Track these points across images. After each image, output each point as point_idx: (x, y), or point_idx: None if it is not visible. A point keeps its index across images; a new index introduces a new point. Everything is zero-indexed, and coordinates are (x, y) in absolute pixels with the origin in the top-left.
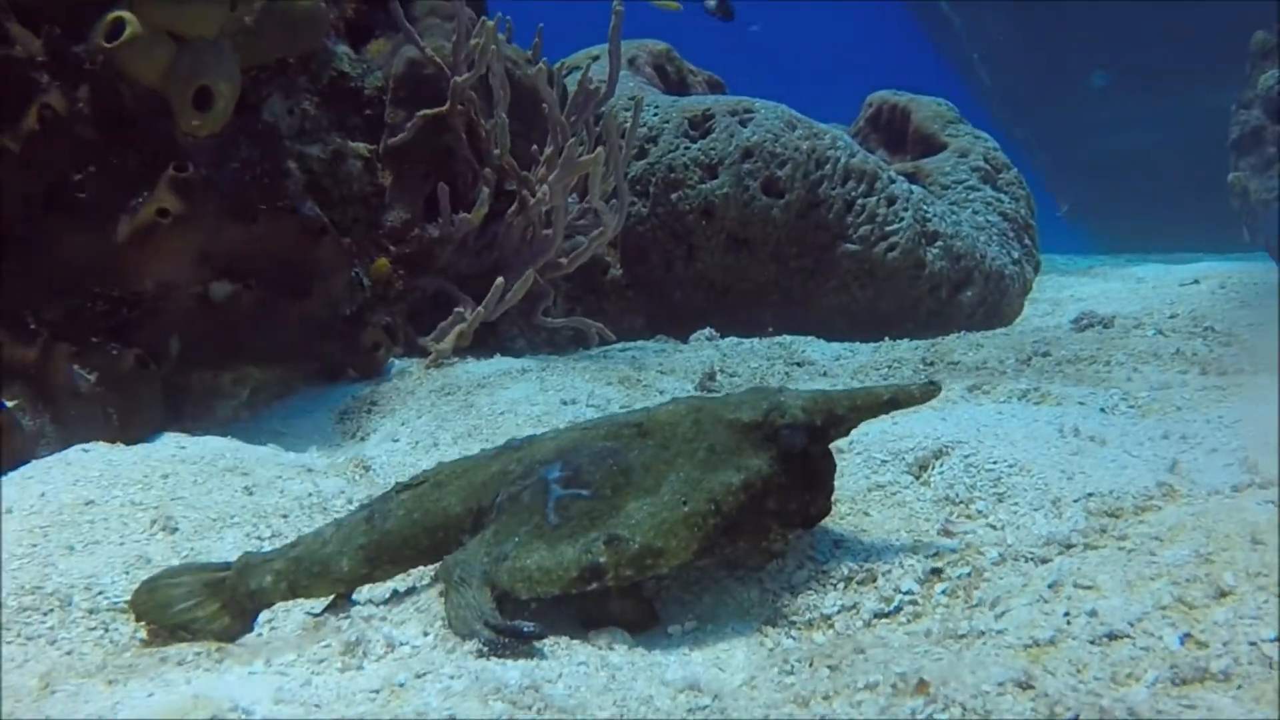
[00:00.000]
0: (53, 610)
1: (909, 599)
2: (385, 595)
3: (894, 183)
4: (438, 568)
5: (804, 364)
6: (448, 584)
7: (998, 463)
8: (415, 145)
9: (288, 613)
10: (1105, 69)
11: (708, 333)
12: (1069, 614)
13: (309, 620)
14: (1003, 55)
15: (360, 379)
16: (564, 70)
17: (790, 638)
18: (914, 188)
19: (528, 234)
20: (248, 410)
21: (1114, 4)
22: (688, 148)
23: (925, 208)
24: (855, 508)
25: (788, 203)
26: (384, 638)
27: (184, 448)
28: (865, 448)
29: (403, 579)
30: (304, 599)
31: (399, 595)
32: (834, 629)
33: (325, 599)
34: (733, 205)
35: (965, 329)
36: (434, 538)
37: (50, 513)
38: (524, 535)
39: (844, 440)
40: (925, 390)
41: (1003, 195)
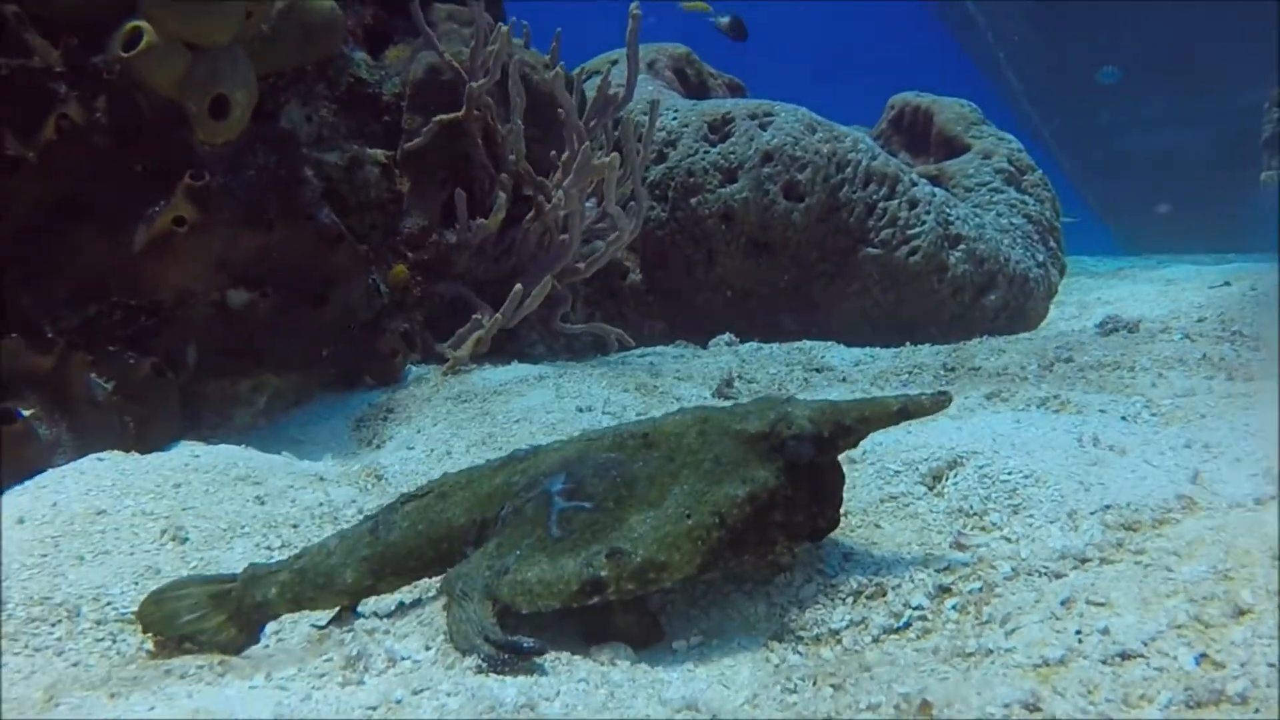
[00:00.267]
0: (61, 621)
1: (919, 614)
2: (390, 607)
3: (916, 185)
4: (441, 580)
5: (823, 370)
6: (450, 597)
7: (1013, 473)
8: (432, 151)
9: (295, 624)
10: (1130, 67)
11: (727, 338)
12: (1081, 632)
13: (314, 632)
14: (1028, 55)
15: (377, 385)
16: (583, 75)
17: (797, 653)
18: (936, 190)
19: (545, 240)
20: (265, 417)
21: (1140, 2)
22: (707, 152)
23: (948, 210)
24: (866, 519)
25: (808, 206)
26: (386, 652)
27: (197, 456)
28: (879, 458)
29: (409, 590)
30: (309, 611)
31: (404, 607)
32: (841, 645)
33: (331, 610)
34: (753, 209)
35: (989, 333)
36: (438, 549)
37: (62, 522)
38: (526, 548)
39: (857, 450)
40: (936, 401)
41: (1027, 197)
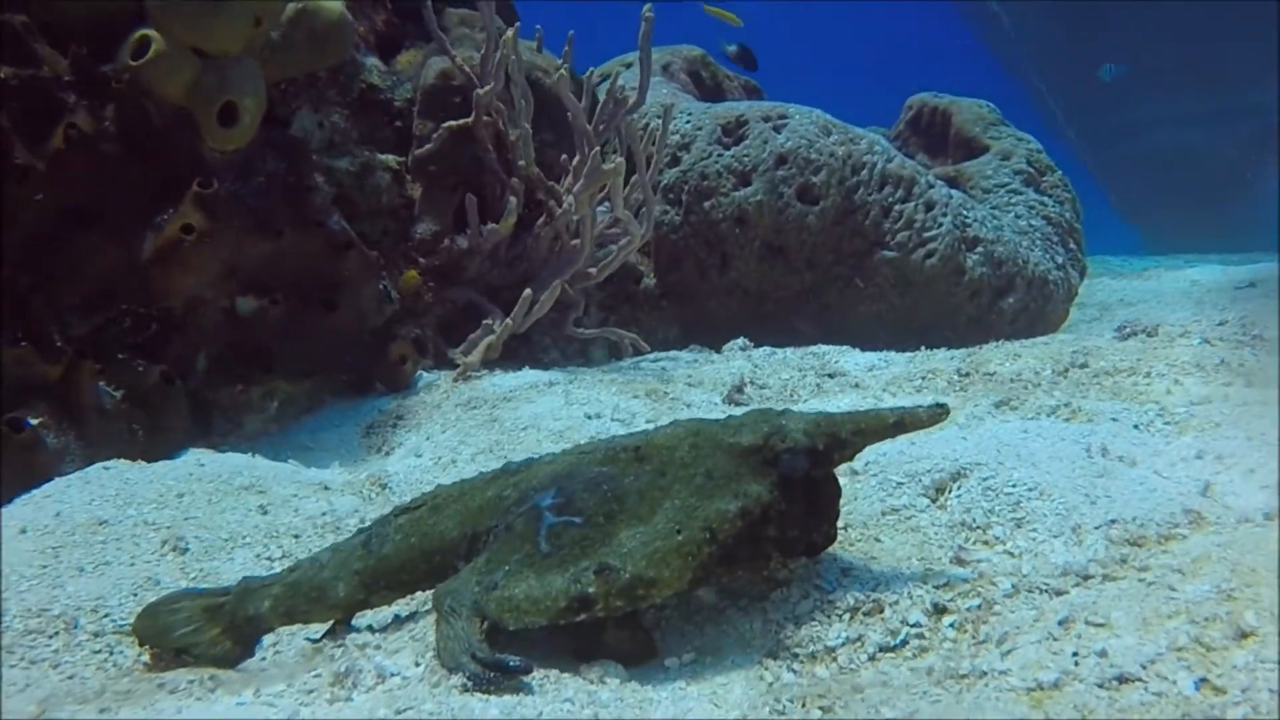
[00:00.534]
0: (58, 633)
1: (915, 632)
2: (386, 620)
3: (932, 187)
4: (431, 595)
5: (836, 375)
6: (438, 613)
7: (1017, 486)
8: (443, 157)
9: (292, 636)
10: (1154, 65)
11: (741, 343)
12: (1078, 654)
13: (309, 646)
14: (1052, 53)
15: (388, 392)
16: (594, 77)
17: (791, 671)
18: (953, 192)
19: (556, 245)
20: (276, 424)
21: (1165, 1)
22: (721, 155)
23: (965, 213)
24: (867, 533)
25: (823, 209)
26: (375, 668)
27: (203, 465)
28: (881, 469)
29: (405, 603)
30: (302, 625)
31: (399, 620)
32: (837, 663)
33: (325, 624)
34: (767, 213)
35: (1008, 336)
36: (431, 563)
37: (63, 533)
38: (514, 564)
39: (859, 462)
40: (932, 413)
41: (1046, 199)
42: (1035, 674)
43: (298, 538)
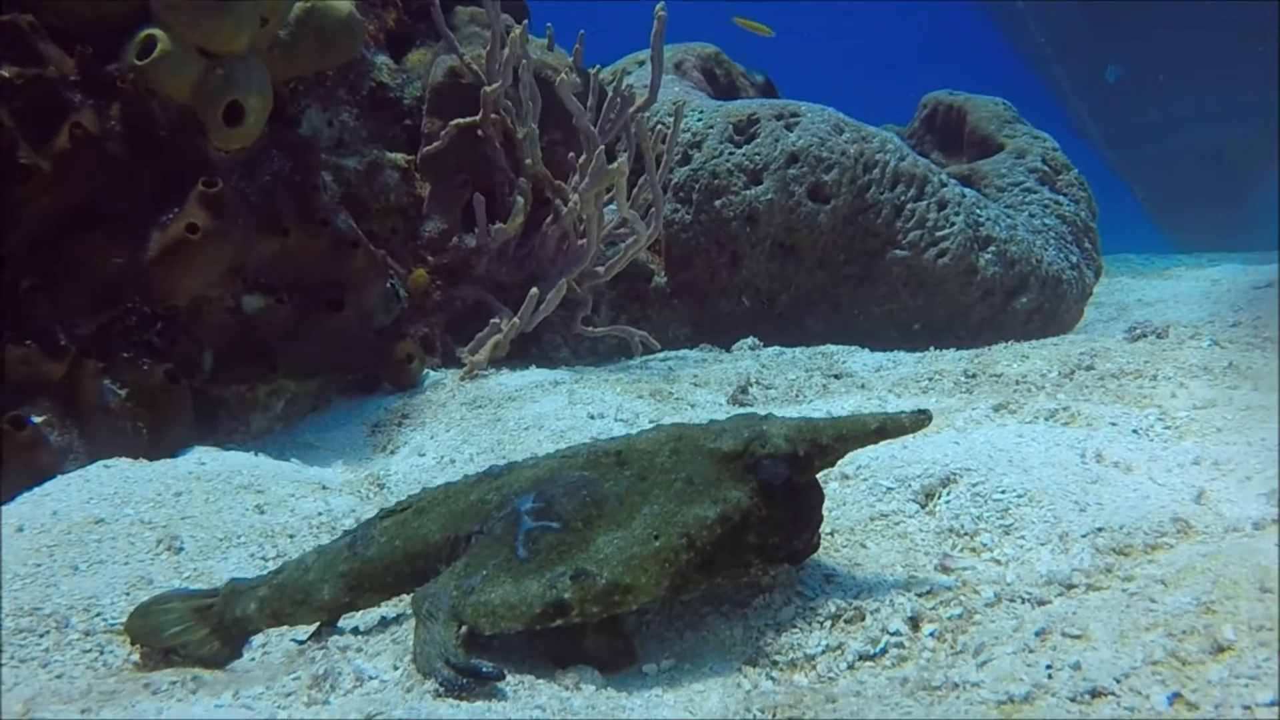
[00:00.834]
0: (49, 632)
1: (896, 641)
2: (373, 622)
3: (945, 186)
4: (411, 598)
5: (843, 376)
6: (417, 617)
7: (1006, 492)
8: (451, 155)
9: (281, 637)
10: (1180, 62)
11: (750, 342)
12: (1052, 667)
13: (294, 648)
14: (1076, 51)
15: (395, 390)
16: (598, 73)
17: (770, 679)
18: (967, 191)
19: (563, 244)
20: (282, 423)
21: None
22: (732, 153)
23: (978, 211)
24: (853, 539)
25: (834, 208)
26: (354, 671)
27: (203, 464)
28: (872, 474)
29: (393, 605)
30: (288, 627)
31: (384, 623)
32: (816, 671)
33: (312, 626)
34: (778, 211)
35: (1021, 337)
36: (415, 566)
37: (59, 531)
38: (492, 568)
39: (850, 466)
40: (915, 419)
41: (1061, 197)
42: (1007, 687)
43: (293, 538)
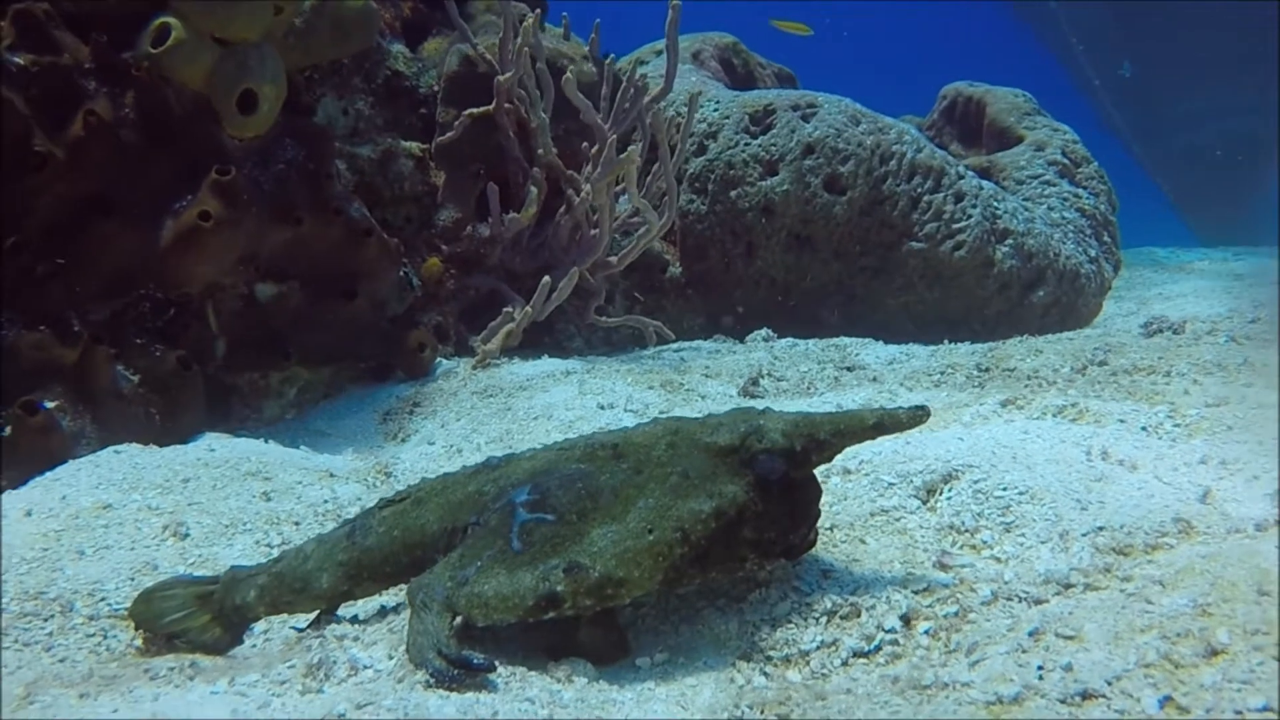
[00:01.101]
0: (53, 616)
1: (890, 638)
2: (371, 612)
3: (962, 178)
4: (406, 588)
5: (855, 368)
6: (411, 607)
7: (1008, 489)
8: (466, 144)
9: (283, 623)
10: (1207, 57)
11: (764, 333)
12: (1043, 667)
13: (293, 636)
14: (1104, 44)
15: (408, 379)
16: (612, 63)
17: (764, 674)
18: (984, 183)
19: (576, 234)
20: (295, 410)
21: None
22: (748, 144)
23: (995, 204)
24: (852, 534)
25: (850, 199)
26: (349, 660)
27: (213, 450)
28: (874, 469)
29: (394, 594)
30: (287, 615)
31: (383, 612)
32: (810, 667)
33: (311, 614)
34: (793, 202)
35: (1038, 330)
36: (413, 556)
37: (67, 516)
38: (487, 560)
39: (853, 461)
40: (913, 415)
41: (1081, 190)
42: (997, 687)
43: (298, 525)
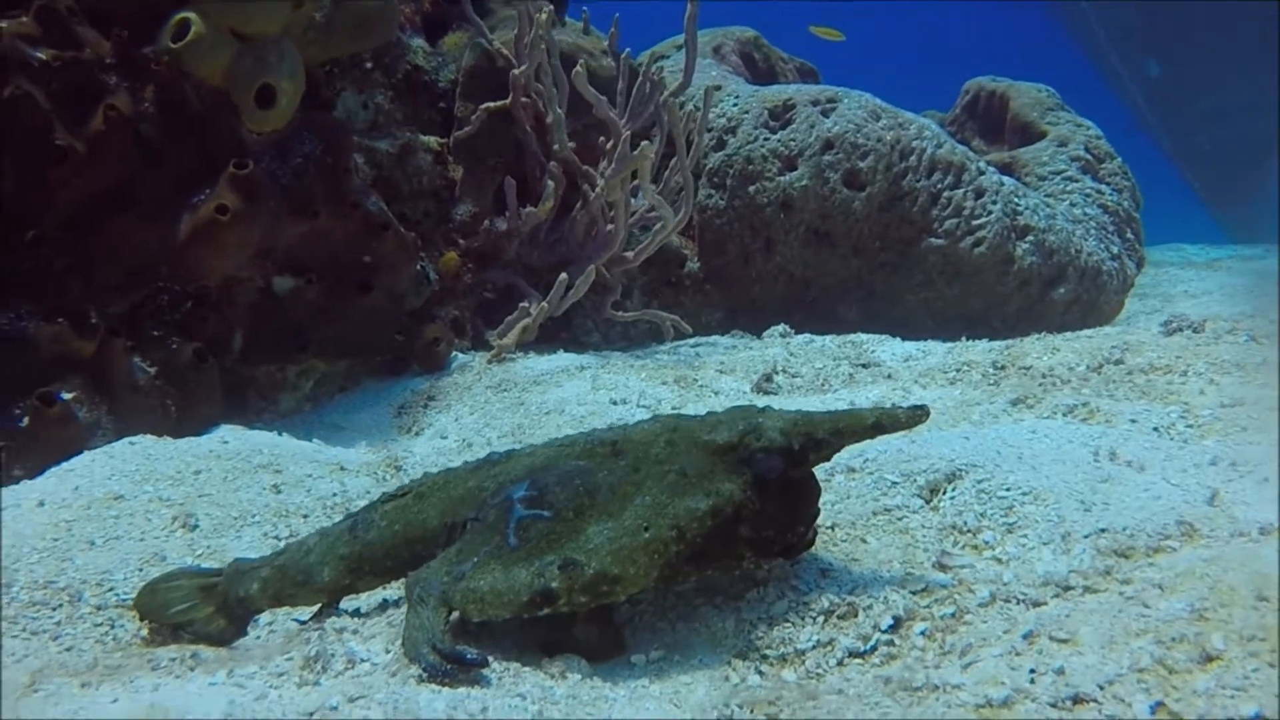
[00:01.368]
0: (61, 605)
1: (886, 639)
2: (374, 605)
3: (983, 174)
4: (405, 582)
5: (870, 365)
6: (408, 601)
7: (1011, 489)
8: (484, 139)
9: (287, 616)
10: (1238, 51)
11: (781, 329)
12: (1035, 671)
13: (295, 628)
14: (1133, 38)
15: (424, 372)
16: (627, 57)
17: (759, 673)
18: (1005, 179)
19: (592, 229)
20: (311, 403)
21: None
22: (767, 139)
23: (1016, 200)
24: (853, 533)
25: (869, 195)
26: (347, 653)
27: (226, 443)
28: (879, 467)
29: (397, 587)
30: (289, 608)
31: (385, 606)
32: (805, 666)
33: (314, 607)
34: (812, 198)
35: (1059, 328)
36: (413, 550)
37: (79, 506)
38: (483, 555)
39: (857, 459)
40: (912, 415)
41: (1104, 186)
42: (988, 690)
43: (306, 518)
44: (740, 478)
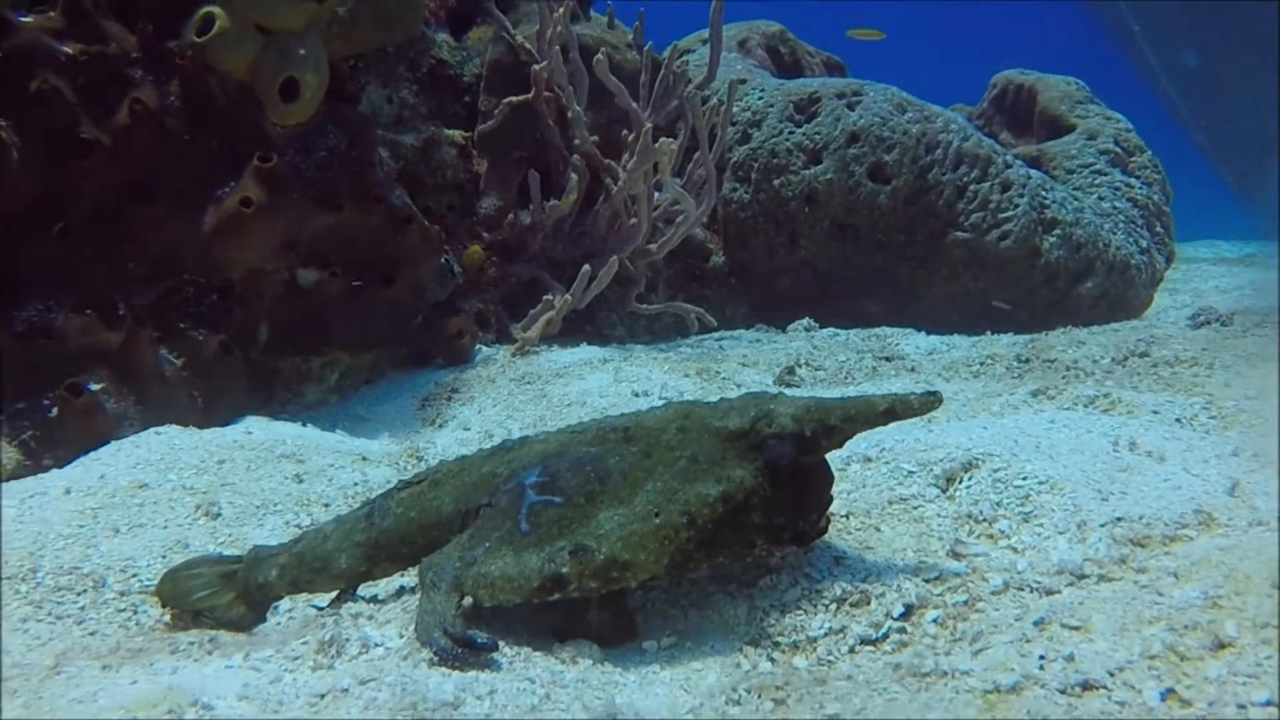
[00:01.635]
0: (86, 591)
1: (898, 626)
2: (391, 591)
3: (1009, 167)
4: (418, 568)
5: (894, 358)
6: (421, 586)
7: (1028, 479)
8: (507, 132)
9: (307, 602)
10: (1269, 43)
11: (806, 323)
12: (1045, 657)
13: (313, 614)
14: (1166, 30)
15: (448, 365)
16: (649, 50)
17: (770, 660)
18: (1032, 173)
19: (615, 222)
20: (336, 395)
21: None
22: (792, 132)
23: (1043, 194)
24: (868, 522)
25: (895, 189)
26: (361, 638)
27: (250, 433)
28: (895, 456)
29: (413, 574)
30: (308, 594)
31: (401, 592)
32: (816, 654)
33: (332, 593)
34: (837, 191)
35: (1087, 322)
36: (429, 537)
37: (105, 494)
38: (495, 541)
39: (874, 448)
40: (925, 401)
41: (1134, 180)
42: (996, 676)
43: (328, 506)
44: (752, 464)
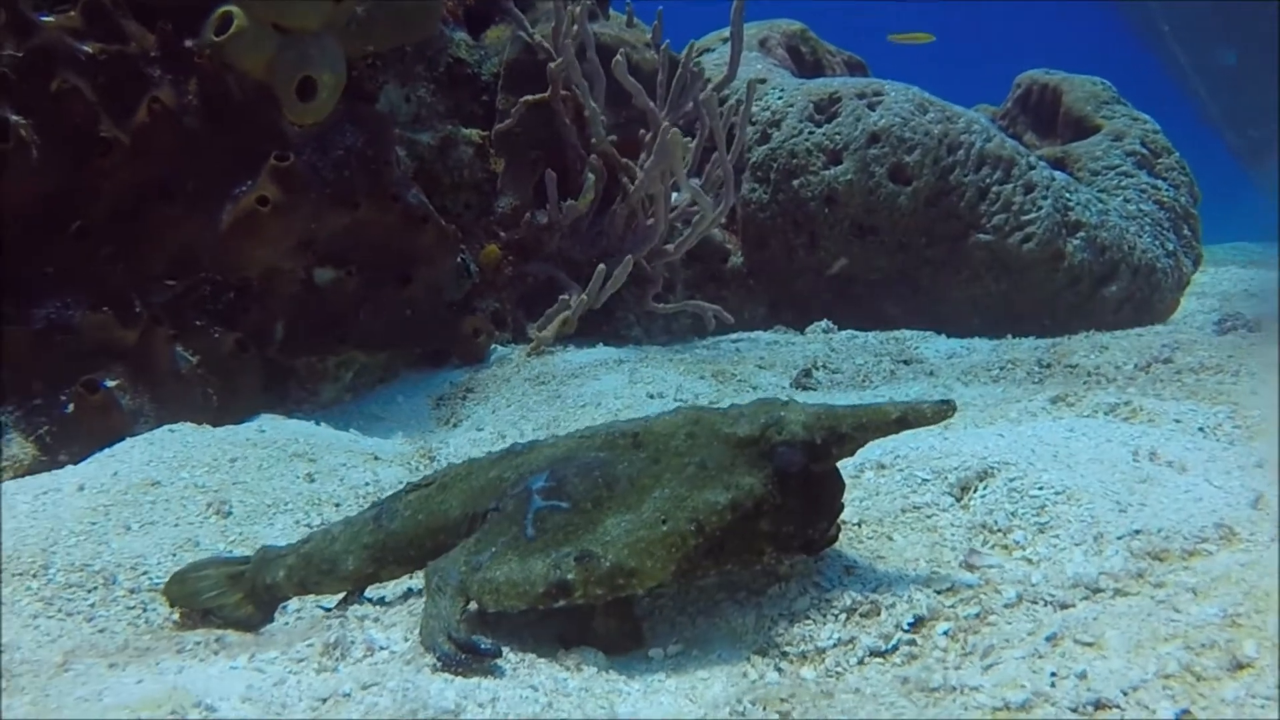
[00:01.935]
0: (96, 588)
1: (908, 638)
2: (399, 593)
3: (1033, 169)
4: (425, 571)
5: (912, 362)
6: (427, 590)
7: (1044, 488)
8: (524, 132)
9: (315, 603)
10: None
11: (824, 325)
12: (1056, 674)
13: (320, 615)
14: (1196, 29)
15: (463, 364)
16: (667, 48)
17: (777, 670)
18: (1056, 174)
19: (632, 222)
20: (351, 393)
21: None
22: (812, 132)
23: (1067, 196)
24: (880, 530)
25: (915, 190)
26: (366, 641)
27: (263, 431)
28: (909, 464)
29: (421, 577)
30: (314, 596)
31: (409, 595)
32: (825, 664)
33: (339, 595)
34: (857, 192)
35: (1111, 326)
36: (435, 540)
37: (117, 491)
38: (501, 546)
39: (887, 456)
40: (938, 410)
41: (1160, 182)
42: (1006, 693)
43: (339, 506)
44: (761, 471)
